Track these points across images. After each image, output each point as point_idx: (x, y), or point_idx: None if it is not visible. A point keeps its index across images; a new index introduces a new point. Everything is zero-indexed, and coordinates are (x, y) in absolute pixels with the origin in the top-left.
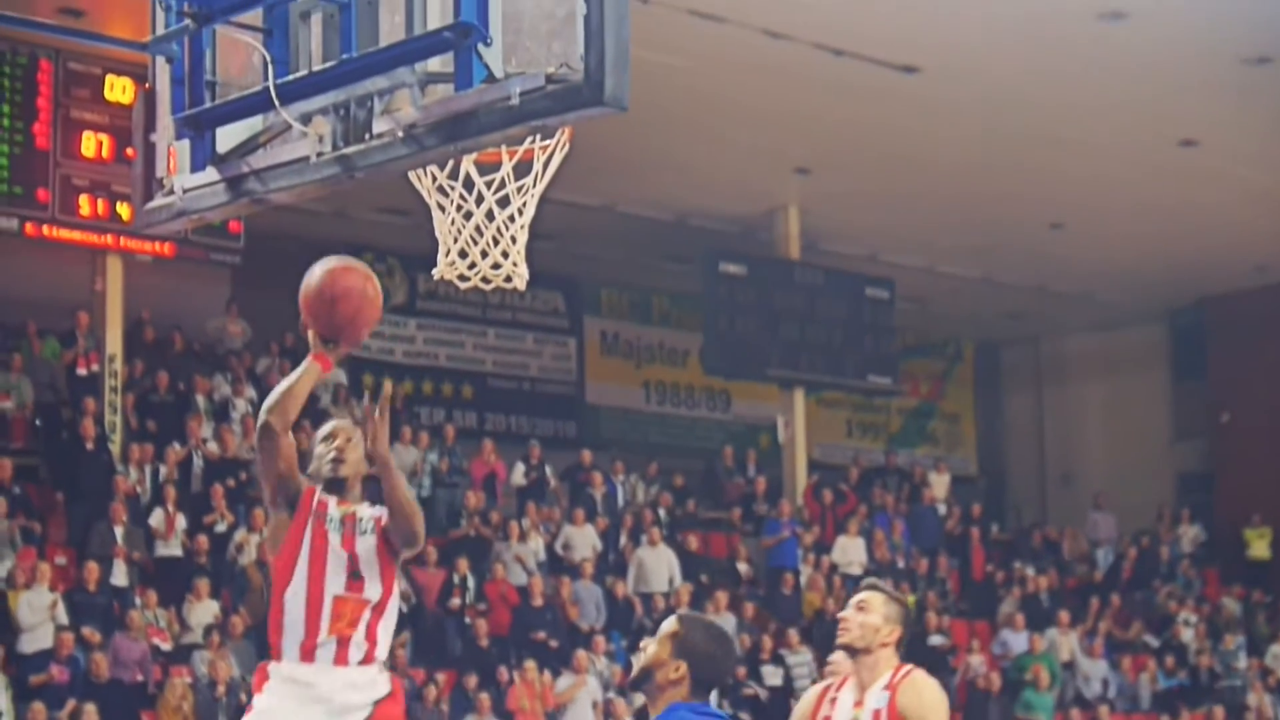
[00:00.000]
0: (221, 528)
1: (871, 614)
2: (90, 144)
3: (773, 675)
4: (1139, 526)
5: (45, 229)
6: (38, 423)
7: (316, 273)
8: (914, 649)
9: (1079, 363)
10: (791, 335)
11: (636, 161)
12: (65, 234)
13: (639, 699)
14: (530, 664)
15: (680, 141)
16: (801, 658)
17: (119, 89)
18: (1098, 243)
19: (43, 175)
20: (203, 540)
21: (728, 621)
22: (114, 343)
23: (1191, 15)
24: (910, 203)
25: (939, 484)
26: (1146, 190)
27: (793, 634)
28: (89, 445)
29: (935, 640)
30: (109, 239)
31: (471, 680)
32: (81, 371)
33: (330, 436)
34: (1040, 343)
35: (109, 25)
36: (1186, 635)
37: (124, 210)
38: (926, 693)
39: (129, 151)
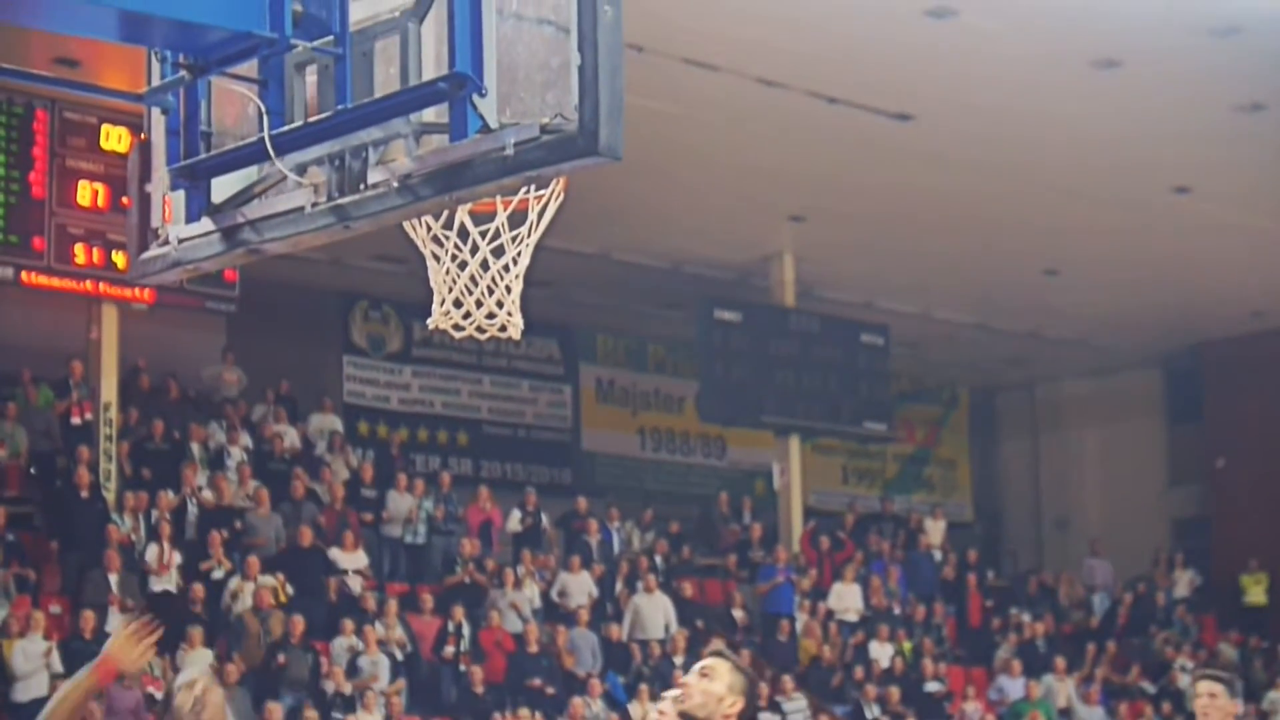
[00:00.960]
0: (219, 574)
1: (715, 682)
2: (86, 193)
3: None
4: (1135, 572)
5: (41, 277)
6: (32, 471)
7: None
8: (911, 695)
9: (1074, 408)
10: (787, 382)
11: (631, 209)
12: (60, 282)
13: None
14: (525, 711)
15: (675, 189)
16: (798, 704)
17: (114, 138)
18: (1093, 289)
19: (38, 224)
20: (198, 589)
21: None
22: (109, 391)
23: (1185, 63)
24: (905, 249)
25: (935, 530)
26: (1141, 236)
27: (788, 680)
28: (84, 493)
29: (931, 687)
30: (104, 287)
31: None
32: (75, 420)
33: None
34: (1036, 388)
35: (104, 76)
36: (1183, 681)
37: (119, 259)
38: None
39: (124, 200)
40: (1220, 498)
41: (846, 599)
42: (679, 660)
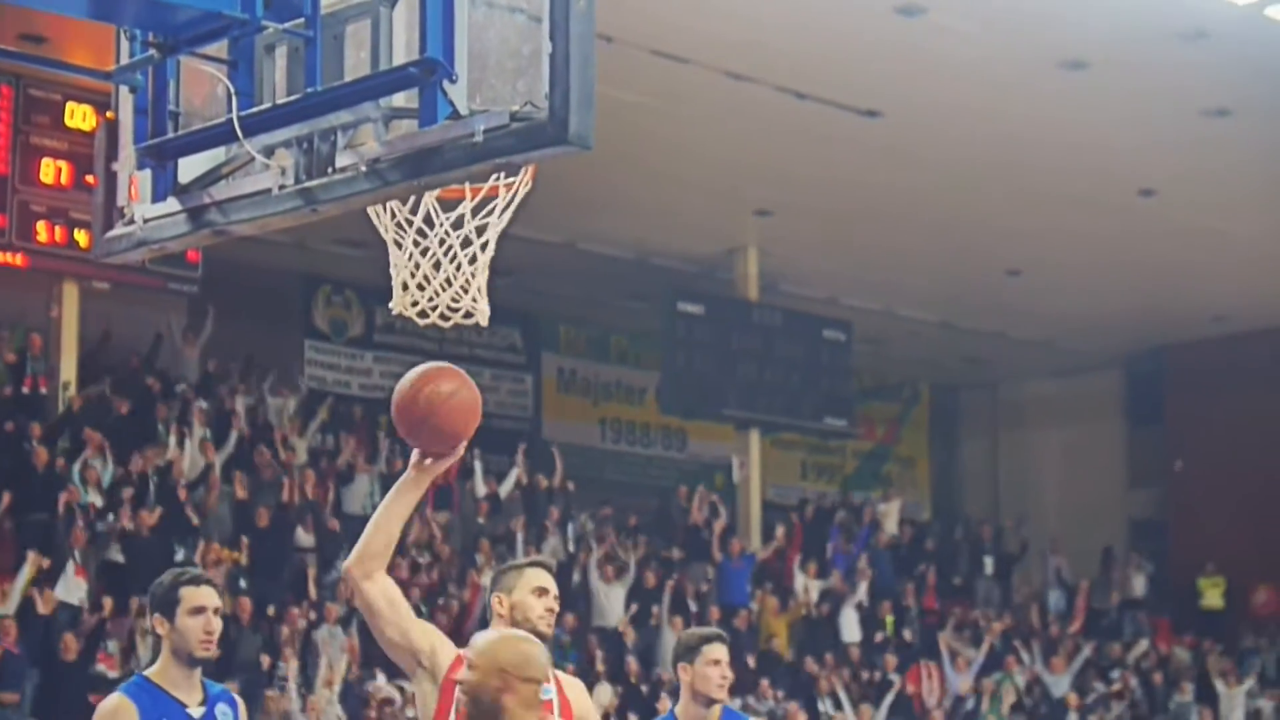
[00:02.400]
0: (179, 555)
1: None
2: (49, 170)
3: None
4: (1091, 572)
5: (2, 255)
6: None
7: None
8: (867, 685)
9: (1036, 408)
10: (749, 376)
11: (597, 199)
12: (22, 260)
13: None
14: None
15: (641, 180)
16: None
17: (79, 116)
18: (1056, 290)
19: (1, 200)
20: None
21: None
22: (69, 369)
23: (1152, 67)
24: (870, 246)
25: (890, 513)
26: (1105, 239)
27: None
28: (39, 469)
29: (889, 679)
30: (66, 265)
31: None
32: (26, 390)
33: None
34: (997, 388)
35: (71, 52)
36: (1135, 681)
37: (82, 237)
38: None
39: (88, 179)
40: (1178, 500)
41: (803, 591)
42: (630, 645)
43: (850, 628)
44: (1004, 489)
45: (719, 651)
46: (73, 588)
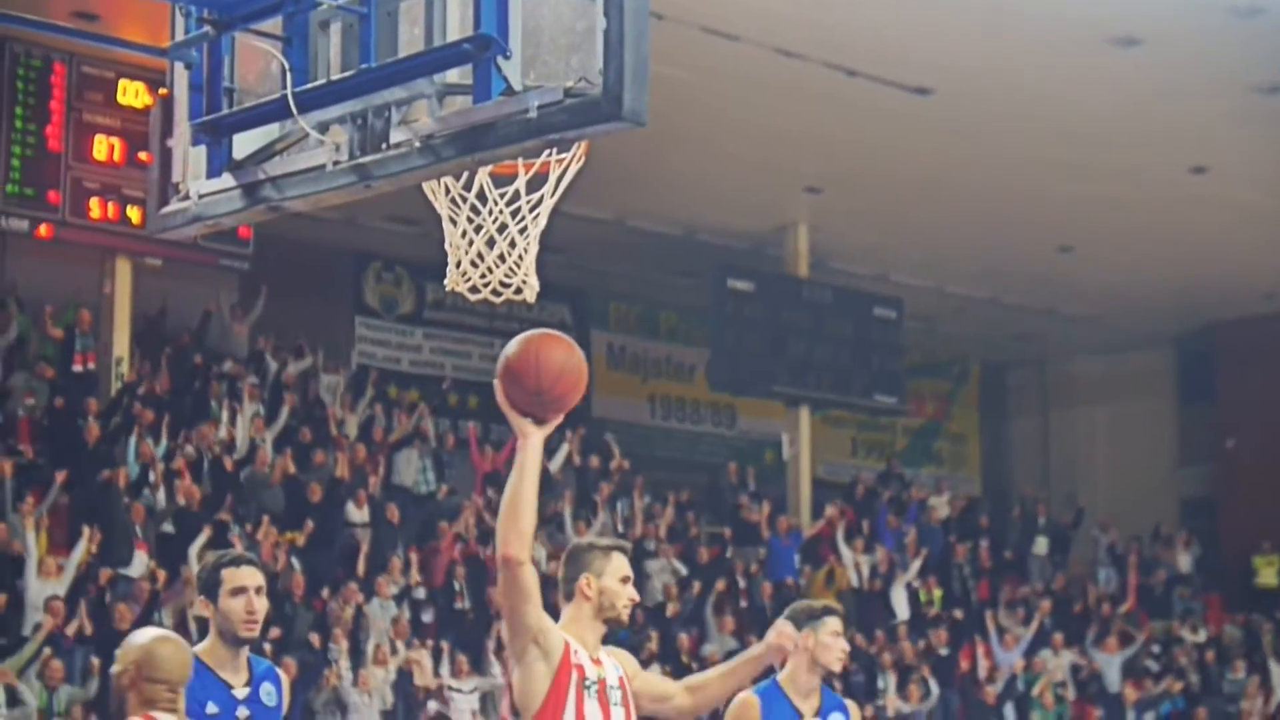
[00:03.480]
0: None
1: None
2: (102, 147)
3: None
4: (1141, 550)
5: (56, 231)
6: (45, 423)
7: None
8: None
9: (1085, 386)
10: (798, 353)
11: (647, 176)
12: (75, 236)
13: None
14: None
15: (691, 157)
16: None
17: (131, 93)
18: (1106, 266)
19: (54, 177)
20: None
21: (727, 639)
22: (121, 345)
23: (1204, 43)
24: (920, 223)
25: (940, 503)
26: (1156, 215)
27: None
28: (91, 445)
29: (939, 655)
30: (119, 241)
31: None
32: (77, 368)
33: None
34: (1047, 365)
35: (123, 29)
36: (1187, 660)
37: (134, 214)
38: None
39: (140, 155)
40: (1229, 478)
41: (853, 567)
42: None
43: (900, 605)
44: (1054, 466)
45: (839, 624)
46: (135, 562)
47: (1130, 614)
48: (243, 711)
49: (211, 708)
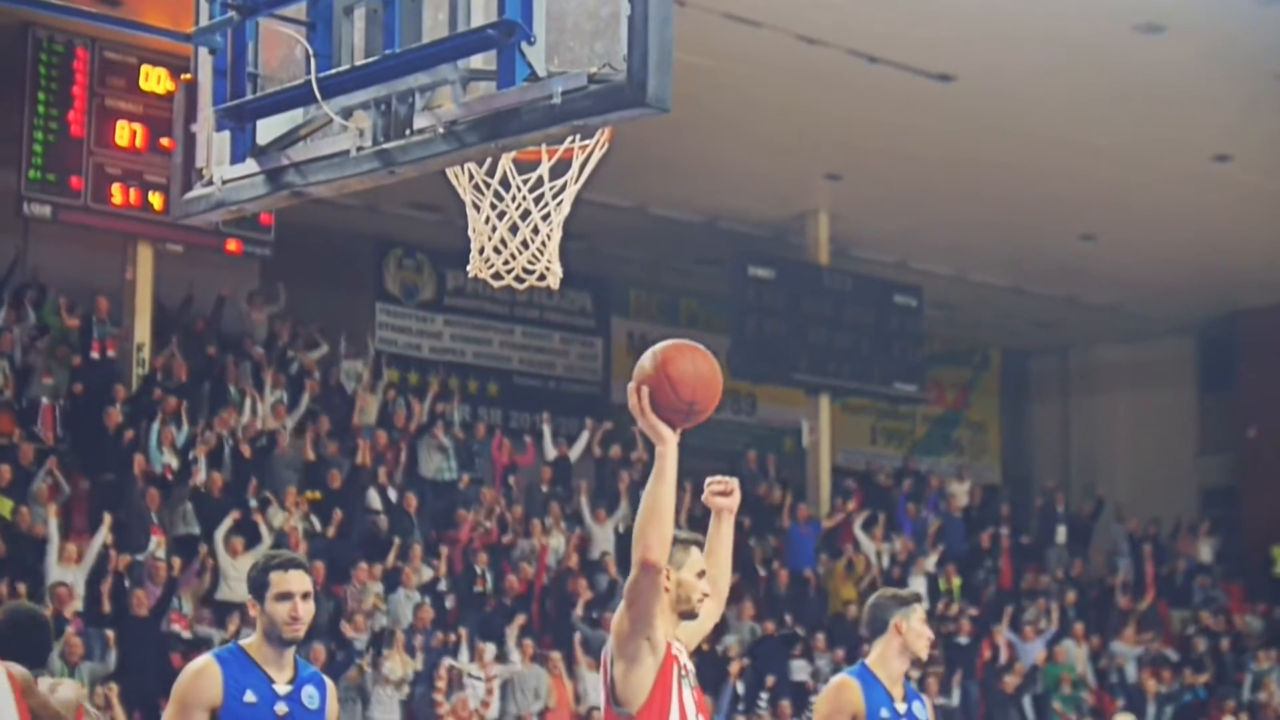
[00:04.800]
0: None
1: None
2: (124, 133)
3: (800, 671)
4: (1161, 539)
5: (78, 216)
6: (64, 408)
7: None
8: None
9: (1106, 374)
10: (819, 340)
11: (668, 163)
12: (97, 222)
13: None
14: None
15: (712, 144)
16: (824, 657)
17: (154, 79)
18: (1128, 254)
19: (76, 163)
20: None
21: (745, 625)
22: (142, 331)
23: (1229, 30)
24: (941, 211)
25: (960, 491)
26: (1179, 203)
27: (820, 637)
28: (112, 431)
29: (959, 641)
30: (141, 228)
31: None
32: (95, 356)
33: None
34: (1068, 353)
35: (146, 15)
36: (1204, 647)
37: (156, 200)
38: None
39: (162, 141)
40: (1250, 468)
41: (873, 556)
42: None
43: (921, 594)
44: (1074, 455)
45: (924, 613)
46: (153, 548)
47: (1150, 604)
48: (281, 707)
49: (249, 696)
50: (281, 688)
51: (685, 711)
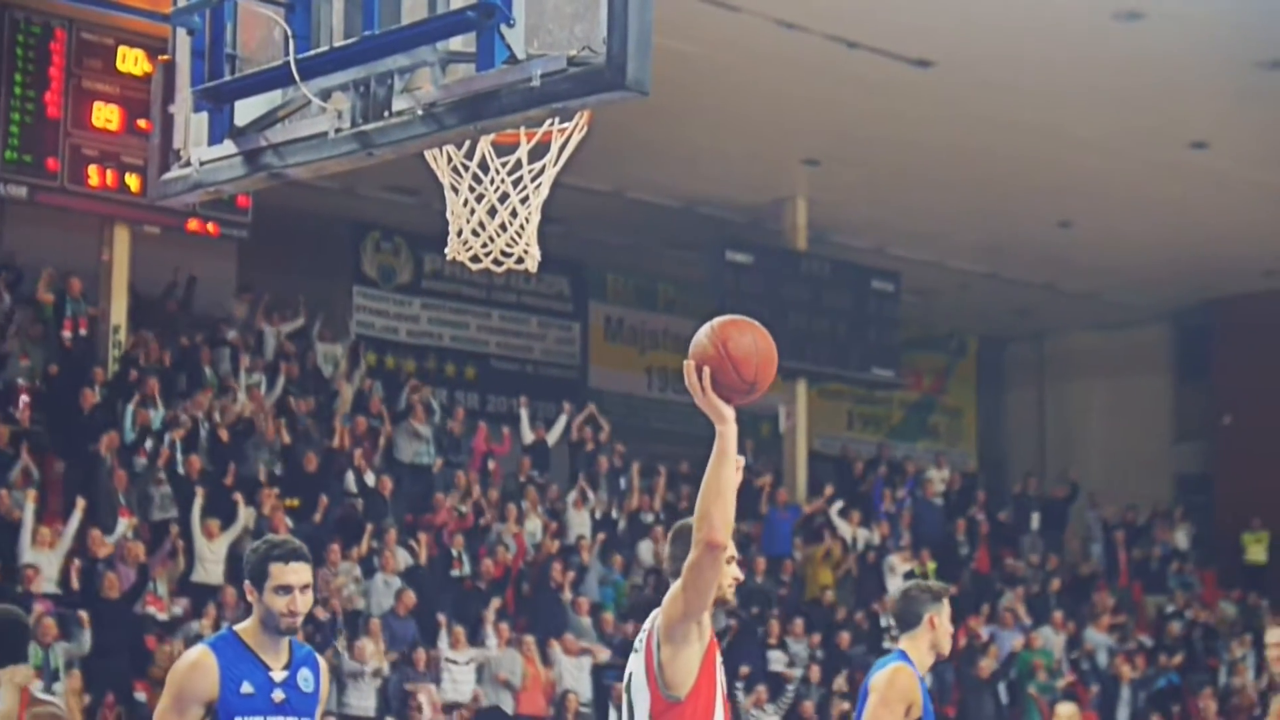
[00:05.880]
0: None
1: None
2: (101, 115)
3: (777, 661)
4: (1135, 526)
5: (54, 198)
6: (40, 390)
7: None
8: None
9: (1082, 361)
10: (796, 325)
11: (646, 148)
12: (73, 203)
13: None
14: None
15: (690, 129)
16: (801, 644)
17: (131, 60)
18: (1105, 242)
19: (53, 144)
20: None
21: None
22: (119, 313)
23: (1207, 18)
24: (919, 197)
25: (937, 478)
26: (1156, 191)
27: (798, 622)
28: (87, 412)
29: None
30: (117, 209)
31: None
32: (67, 334)
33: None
34: (1045, 340)
35: None
36: (1178, 631)
37: (133, 181)
38: None
39: (139, 123)
40: (1225, 455)
41: (850, 542)
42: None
43: (896, 580)
44: (1050, 442)
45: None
46: (122, 530)
47: (1124, 590)
48: (279, 694)
49: (247, 688)
50: (278, 674)
51: (725, 697)
